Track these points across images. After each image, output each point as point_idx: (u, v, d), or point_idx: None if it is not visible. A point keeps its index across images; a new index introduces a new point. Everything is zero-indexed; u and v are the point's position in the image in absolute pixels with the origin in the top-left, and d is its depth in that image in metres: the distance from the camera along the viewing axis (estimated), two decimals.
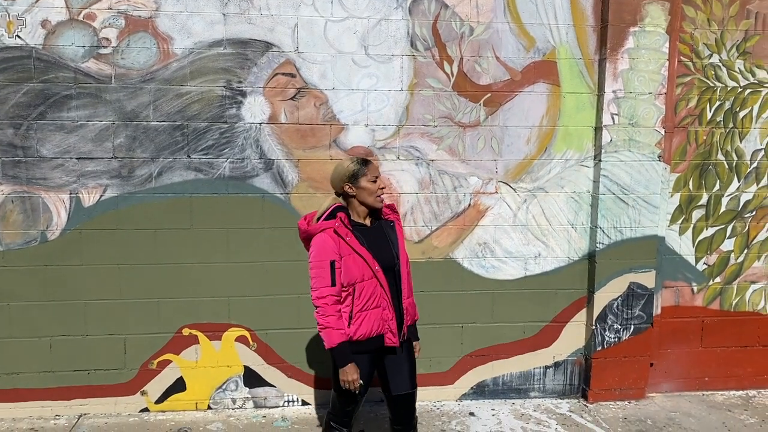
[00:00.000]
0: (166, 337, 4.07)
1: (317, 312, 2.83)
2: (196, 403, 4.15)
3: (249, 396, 4.18)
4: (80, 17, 3.80)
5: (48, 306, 3.96)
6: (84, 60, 3.83)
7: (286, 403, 4.21)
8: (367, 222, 3.00)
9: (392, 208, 3.09)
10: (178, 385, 4.12)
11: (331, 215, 2.89)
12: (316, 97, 4.01)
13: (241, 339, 4.13)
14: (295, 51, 3.95)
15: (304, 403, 4.23)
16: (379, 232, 2.98)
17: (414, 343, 3.12)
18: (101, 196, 3.93)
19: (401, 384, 3.02)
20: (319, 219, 2.91)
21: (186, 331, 4.08)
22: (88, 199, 3.93)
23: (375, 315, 2.90)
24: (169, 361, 4.10)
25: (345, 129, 4.06)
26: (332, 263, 2.81)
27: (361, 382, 2.87)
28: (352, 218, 2.95)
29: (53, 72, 3.81)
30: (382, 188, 2.95)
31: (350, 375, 2.82)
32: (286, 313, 4.12)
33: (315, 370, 4.21)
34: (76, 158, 3.88)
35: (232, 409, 4.17)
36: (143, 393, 4.10)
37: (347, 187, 2.92)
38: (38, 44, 3.79)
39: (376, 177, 2.93)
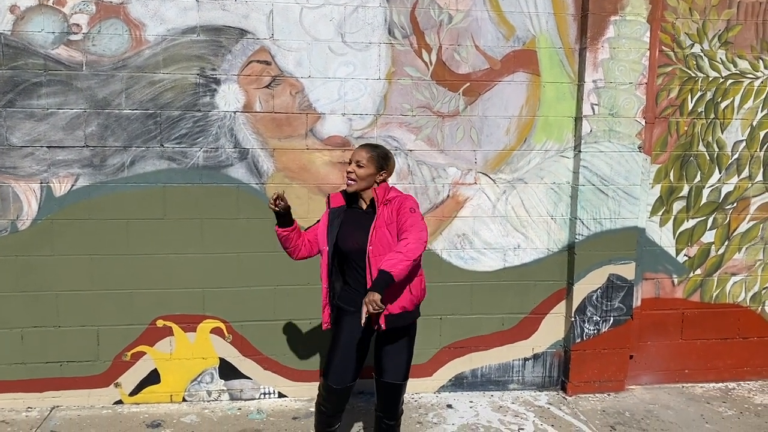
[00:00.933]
0: (140, 328, 4.02)
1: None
2: (171, 396, 4.10)
3: (224, 388, 4.14)
4: (50, 3, 3.72)
5: (19, 297, 3.90)
6: (54, 46, 3.76)
7: (262, 396, 4.17)
8: (363, 206, 3.06)
9: (391, 196, 3.02)
10: (153, 377, 4.07)
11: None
12: (291, 85, 3.94)
13: (216, 331, 4.08)
14: (270, 38, 3.89)
15: (281, 395, 4.19)
16: (364, 218, 2.99)
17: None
18: (73, 185, 3.86)
19: (392, 373, 3.04)
20: None
21: (160, 323, 4.03)
22: (60, 188, 3.86)
23: (324, 292, 3.07)
24: (143, 353, 4.05)
25: (321, 118, 3.99)
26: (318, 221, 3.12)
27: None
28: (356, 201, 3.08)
29: (22, 59, 3.73)
30: (349, 172, 2.99)
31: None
32: (261, 304, 4.08)
33: (291, 362, 4.17)
34: (47, 147, 3.81)
35: (208, 401, 4.13)
36: (117, 385, 4.05)
37: None
38: (7, 30, 3.71)
39: (349, 162, 3.02)
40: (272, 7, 3.86)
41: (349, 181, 2.98)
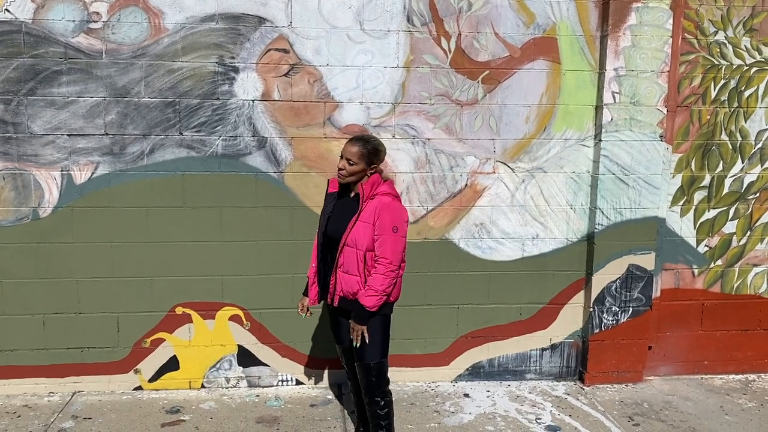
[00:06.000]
0: (159, 315, 4.05)
1: None
2: (190, 382, 4.14)
3: (243, 375, 4.17)
4: None
5: (41, 283, 3.95)
6: (74, 35, 3.77)
7: (279, 383, 4.20)
8: (352, 194, 3.13)
9: (379, 191, 3.07)
10: (172, 364, 4.11)
11: None
12: (310, 73, 3.93)
13: (234, 318, 4.11)
14: (288, 26, 3.87)
15: (298, 382, 4.21)
16: (349, 206, 3.09)
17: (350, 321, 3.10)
18: (93, 173, 3.89)
19: (358, 355, 3.15)
20: None
21: (179, 310, 4.06)
22: (80, 176, 3.89)
23: (312, 270, 3.28)
24: (162, 340, 4.08)
25: (339, 106, 3.98)
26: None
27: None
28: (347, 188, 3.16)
29: (43, 47, 3.75)
30: (340, 169, 3.05)
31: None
32: (279, 292, 4.09)
33: (309, 349, 4.19)
34: (68, 135, 3.84)
35: (226, 388, 4.16)
36: (136, 371, 4.10)
37: None
38: (28, 18, 3.72)
39: (341, 157, 3.07)
40: None
41: (340, 174, 3.07)
